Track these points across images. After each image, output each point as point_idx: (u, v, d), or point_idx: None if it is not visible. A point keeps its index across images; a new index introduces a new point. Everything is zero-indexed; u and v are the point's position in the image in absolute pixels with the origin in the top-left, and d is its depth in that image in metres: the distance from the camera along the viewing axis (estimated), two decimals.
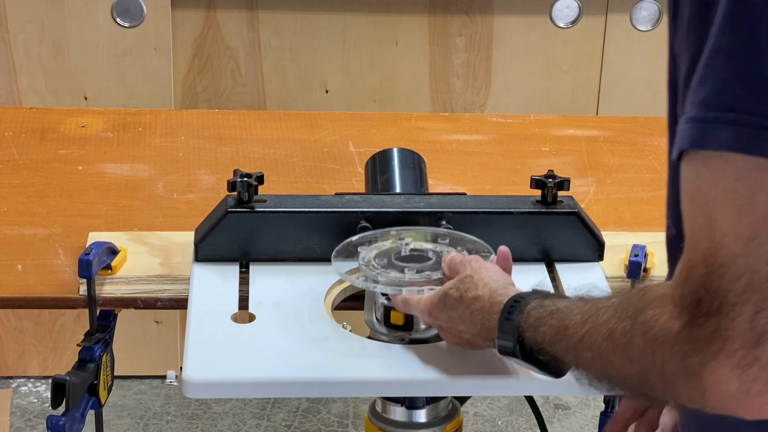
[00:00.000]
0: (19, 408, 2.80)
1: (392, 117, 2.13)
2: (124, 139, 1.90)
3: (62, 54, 2.69)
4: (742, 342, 0.92)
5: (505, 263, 1.31)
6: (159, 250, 1.52)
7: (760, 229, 0.91)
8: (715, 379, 0.93)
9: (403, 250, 1.38)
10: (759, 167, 0.91)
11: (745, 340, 0.92)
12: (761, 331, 0.91)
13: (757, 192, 0.91)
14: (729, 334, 0.92)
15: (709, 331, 0.93)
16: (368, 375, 1.25)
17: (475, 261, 1.28)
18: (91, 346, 1.42)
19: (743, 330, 0.92)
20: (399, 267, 1.35)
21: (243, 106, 2.80)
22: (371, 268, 1.34)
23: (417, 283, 1.31)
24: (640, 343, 0.99)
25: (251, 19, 2.75)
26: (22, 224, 1.61)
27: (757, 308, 0.91)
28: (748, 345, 0.92)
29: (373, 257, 1.37)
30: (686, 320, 0.95)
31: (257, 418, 2.80)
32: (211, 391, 1.28)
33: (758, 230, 0.91)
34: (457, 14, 2.80)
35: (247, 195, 1.44)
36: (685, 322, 0.95)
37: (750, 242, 0.92)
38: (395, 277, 1.32)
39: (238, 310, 1.36)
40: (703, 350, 0.93)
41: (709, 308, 0.93)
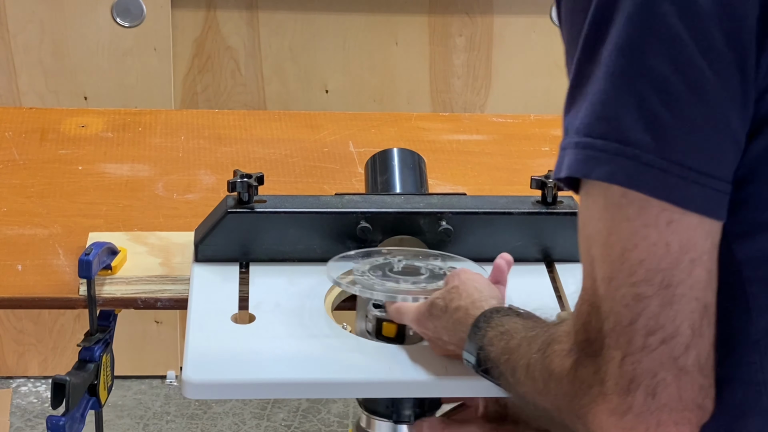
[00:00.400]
0: (19, 408, 2.80)
1: (392, 117, 2.13)
2: (124, 139, 1.90)
3: (62, 54, 2.69)
4: (614, 387, 0.89)
5: (499, 275, 1.28)
6: (159, 251, 1.52)
7: (616, 270, 0.88)
8: (598, 423, 0.90)
9: (396, 266, 1.39)
10: (613, 205, 0.88)
11: (617, 386, 0.88)
12: (630, 377, 0.88)
13: (611, 233, 0.88)
14: (604, 378, 0.89)
15: (591, 372, 0.90)
16: (368, 376, 1.25)
17: (464, 272, 1.25)
18: (91, 347, 1.42)
19: (614, 375, 0.89)
20: (394, 278, 1.35)
21: (243, 106, 2.80)
22: (367, 278, 1.35)
23: (413, 291, 1.31)
24: (541, 377, 0.97)
25: (251, 19, 2.75)
26: (22, 224, 1.61)
27: (624, 352, 0.88)
28: (621, 391, 0.88)
29: (367, 269, 1.38)
30: (575, 359, 0.92)
31: (257, 418, 2.80)
32: (211, 391, 1.28)
33: (615, 272, 0.88)
34: (457, 14, 2.80)
35: (247, 195, 1.44)
36: (574, 360, 0.92)
37: (610, 283, 0.89)
38: (391, 287, 1.33)
39: (238, 311, 1.36)
40: (587, 392, 0.91)
41: (593, 349, 0.90)
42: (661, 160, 0.86)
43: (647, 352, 0.87)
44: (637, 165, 0.86)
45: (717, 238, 0.89)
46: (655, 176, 0.86)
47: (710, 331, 0.89)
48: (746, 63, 0.87)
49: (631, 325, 0.88)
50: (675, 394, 0.88)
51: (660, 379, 0.88)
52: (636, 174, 0.86)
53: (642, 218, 0.87)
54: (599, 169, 0.87)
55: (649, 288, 0.87)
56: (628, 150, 0.87)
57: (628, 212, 0.87)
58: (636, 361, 0.88)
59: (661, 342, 0.87)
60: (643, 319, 0.87)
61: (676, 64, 0.86)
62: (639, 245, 0.87)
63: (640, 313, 0.87)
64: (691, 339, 0.88)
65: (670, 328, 0.87)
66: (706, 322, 0.89)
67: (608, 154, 0.87)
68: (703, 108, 0.87)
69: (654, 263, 0.87)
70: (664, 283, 0.87)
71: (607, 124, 0.88)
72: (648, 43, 0.87)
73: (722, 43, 0.86)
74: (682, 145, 0.86)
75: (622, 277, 0.88)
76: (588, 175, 0.88)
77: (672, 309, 0.87)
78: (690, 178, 0.86)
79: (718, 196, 0.88)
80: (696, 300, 0.88)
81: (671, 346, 0.87)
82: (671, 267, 0.87)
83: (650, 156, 0.86)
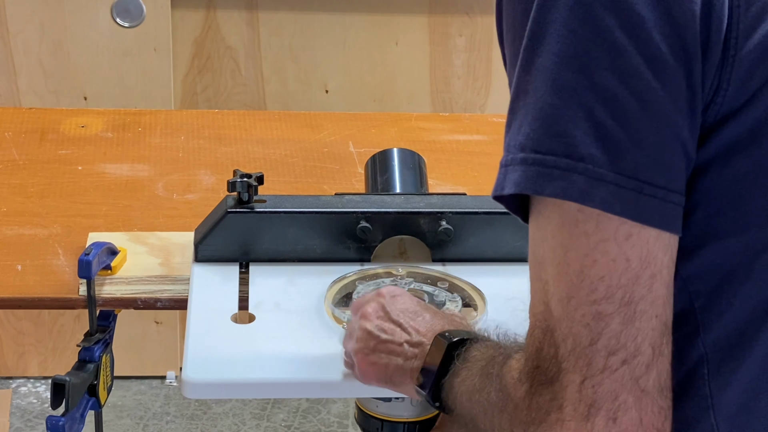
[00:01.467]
0: (19, 408, 2.80)
1: (392, 117, 2.13)
2: (124, 139, 1.90)
3: (62, 54, 2.68)
4: (573, 414, 0.86)
5: None
6: (159, 251, 1.52)
7: (575, 289, 0.85)
8: None
9: None
10: (569, 222, 0.85)
11: (576, 412, 0.86)
12: (590, 401, 0.85)
13: (568, 250, 0.85)
14: (560, 404, 0.86)
15: (546, 399, 0.88)
16: None
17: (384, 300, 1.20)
18: (91, 347, 1.42)
19: (573, 400, 0.86)
20: None
21: (243, 106, 2.80)
22: None
23: None
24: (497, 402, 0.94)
25: (251, 19, 2.75)
26: (22, 224, 1.61)
27: (583, 375, 0.86)
28: (580, 417, 0.85)
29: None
30: (528, 387, 0.89)
31: (257, 418, 2.80)
32: (211, 391, 1.28)
33: (573, 291, 0.85)
34: (457, 14, 2.80)
35: (247, 195, 1.44)
36: (528, 388, 0.89)
37: (568, 303, 0.86)
38: None
39: (237, 311, 1.36)
40: (543, 420, 0.88)
41: (546, 376, 0.88)
42: (614, 174, 0.84)
43: (608, 373, 0.85)
44: (590, 180, 0.84)
45: (675, 253, 0.87)
46: (609, 191, 0.84)
47: (669, 350, 0.87)
48: (692, 72, 0.86)
49: (591, 345, 0.85)
50: (636, 418, 0.85)
51: (621, 402, 0.85)
52: (590, 189, 0.84)
53: (600, 233, 0.85)
54: (551, 185, 0.85)
55: (609, 305, 0.85)
56: (579, 165, 0.84)
57: (586, 228, 0.85)
58: (597, 383, 0.85)
59: (623, 362, 0.85)
60: (604, 339, 0.85)
61: (622, 76, 0.85)
62: (598, 261, 0.85)
63: (600, 332, 0.85)
64: (652, 358, 0.86)
65: (632, 348, 0.85)
66: (666, 340, 0.87)
67: (559, 170, 0.85)
68: (653, 120, 0.85)
69: (614, 279, 0.84)
70: (625, 299, 0.85)
71: (557, 140, 0.85)
72: (593, 55, 0.85)
73: (667, 53, 0.85)
74: (634, 159, 0.85)
75: (581, 296, 0.85)
76: (540, 192, 0.85)
77: (633, 327, 0.85)
78: (645, 192, 0.85)
79: (674, 210, 0.86)
80: (656, 317, 0.86)
81: (632, 367, 0.85)
82: (631, 282, 0.85)
83: (602, 170, 0.84)
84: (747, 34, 0.86)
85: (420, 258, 1.47)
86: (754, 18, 0.87)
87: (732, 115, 0.87)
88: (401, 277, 1.43)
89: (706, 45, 0.86)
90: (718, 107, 0.87)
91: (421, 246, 1.46)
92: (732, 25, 0.86)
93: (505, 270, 1.46)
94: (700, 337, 0.90)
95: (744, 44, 0.86)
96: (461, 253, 1.46)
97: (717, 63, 0.86)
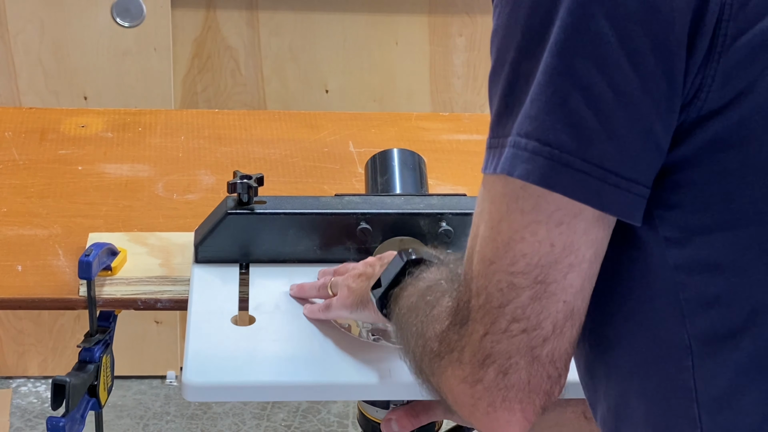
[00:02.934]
0: (19, 408, 2.80)
1: (392, 117, 2.13)
2: (124, 139, 1.90)
3: (62, 54, 2.69)
4: (471, 358, 0.93)
5: None
6: (159, 251, 1.52)
7: (498, 256, 0.91)
8: (449, 386, 0.95)
9: None
10: (510, 194, 0.90)
11: (473, 358, 0.92)
12: (486, 353, 0.92)
13: (502, 219, 0.91)
14: (463, 346, 0.93)
15: (454, 339, 0.95)
16: (368, 378, 1.25)
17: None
18: (91, 347, 1.42)
19: (473, 348, 0.92)
20: None
21: (243, 106, 2.80)
22: None
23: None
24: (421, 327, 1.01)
25: (251, 19, 2.75)
26: (22, 225, 1.61)
27: (486, 330, 0.92)
28: (475, 363, 0.92)
29: None
30: (447, 323, 0.96)
31: (257, 418, 2.80)
32: (211, 394, 1.28)
33: (496, 257, 0.91)
34: (457, 14, 2.80)
35: (247, 196, 1.44)
36: (447, 324, 0.96)
37: (490, 265, 0.91)
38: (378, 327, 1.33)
39: (238, 312, 1.36)
40: (447, 355, 0.95)
41: (459, 317, 0.94)
42: (580, 161, 0.87)
43: (507, 336, 0.91)
44: (554, 165, 0.87)
45: (601, 249, 0.91)
46: (571, 176, 0.87)
47: (572, 332, 0.92)
48: (673, 69, 0.87)
49: (499, 308, 0.91)
50: (524, 378, 0.92)
51: (513, 362, 0.91)
52: (551, 173, 0.88)
53: (534, 214, 0.89)
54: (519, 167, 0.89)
55: (524, 280, 0.90)
56: (545, 150, 0.88)
57: (524, 205, 0.89)
58: (495, 341, 0.91)
59: (522, 331, 0.91)
60: (511, 306, 0.91)
61: (601, 65, 0.87)
62: (526, 239, 0.89)
63: (510, 300, 0.91)
64: (550, 334, 0.91)
65: (534, 321, 0.91)
66: (570, 324, 0.92)
67: (527, 152, 0.88)
68: (626, 111, 0.87)
69: (535, 259, 0.89)
70: (539, 278, 0.90)
71: (530, 123, 0.89)
72: (575, 43, 0.87)
73: (648, 47, 0.86)
74: (602, 147, 0.87)
75: (502, 264, 0.91)
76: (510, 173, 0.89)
77: (540, 304, 0.90)
78: (608, 181, 0.87)
79: (635, 200, 0.89)
80: (564, 302, 0.91)
81: (531, 337, 0.91)
82: (549, 266, 0.89)
83: (568, 157, 0.87)
84: (736, 33, 0.87)
85: None
86: (746, 19, 0.87)
87: (717, 112, 0.88)
88: None
89: (692, 41, 0.87)
90: (701, 103, 0.88)
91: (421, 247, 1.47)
92: (721, 23, 0.87)
93: None
94: (686, 329, 0.91)
95: (732, 43, 0.87)
96: None
97: (701, 60, 0.87)
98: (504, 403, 0.92)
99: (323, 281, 1.36)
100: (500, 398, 0.92)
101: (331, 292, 1.33)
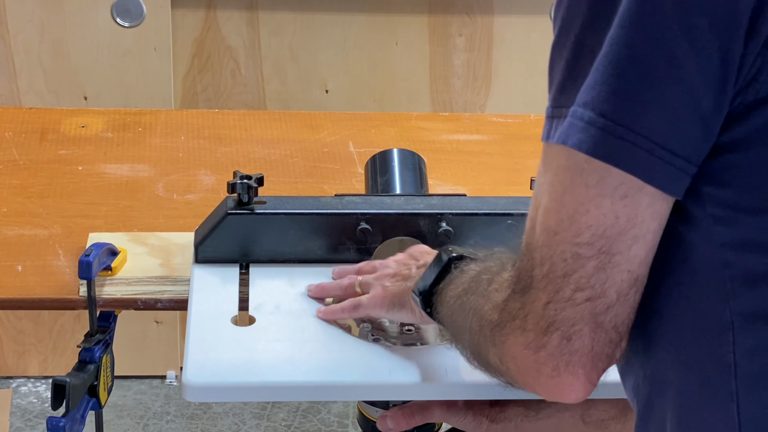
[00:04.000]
0: (19, 408, 2.80)
1: (392, 117, 2.13)
2: (124, 139, 1.90)
3: (62, 54, 2.69)
4: (534, 325, 0.94)
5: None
6: (159, 251, 1.52)
7: (563, 227, 0.92)
8: (512, 354, 0.97)
9: None
10: (574, 167, 0.91)
11: (537, 325, 0.94)
12: (550, 320, 0.93)
13: (566, 192, 0.92)
14: (526, 314, 0.95)
15: (517, 306, 0.96)
16: (368, 379, 1.25)
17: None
18: (91, 347, 1.42)
19: (537, 315, 0.94)
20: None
21: (243, 106, 2.80)
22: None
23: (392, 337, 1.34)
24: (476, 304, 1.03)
25: (251, 19, 2.75)
26: (22, 225, 1.61)
27: (549, 298, 0.94)
28: (539, 330, 0.94)
29: None
30: (509, 293, 0.98)
31: (257, 418, 2.80)
32: (211, 394, 1.28)
33: (561, 228, 0.92)
34: (457, 14, 2.80)
35: (247, 197, 1.44)
36: (508, 294, 0.98)
37: (554, 236, 0.93)
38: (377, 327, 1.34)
39: (238, 312, 1.36)
40: (509, 323, 0.97)
41: (521, 286, 0.96)
42: (629, 132, 0.89)
43: (571, 304, 0.93)
44: (605, 135, 0.89)
45: (664, 221, 0.93)
46: (620, 147, 0.89)
47: (635, 298, 0.94)
48: (729, 51, 0.88)
49: (563, 277, 0.93)
50: (588, 344, 0.93)
51: (577, 329, 0.93)
52: (602, 143, 0.89)
53: (599, 188, 0.90)
54: (573, 136, 0.91)
55: (589, 250, 0.91)
56: (599, 120, 0.89)
57: (588, 179, 0.91)
58: (559, 309, 0.93)
59: (587, 299, 0.92)
60: (575, 276, 0.92)
61: (659, 39, 0.88)
62: (591, 212, 0.91)
63: (575, 270, 0.92)
64: (614, 302, 0.93)
65: (599, 290, 0.92)
66: (634, 291, 0.94)
67: (583, 122, 0.90)
68: (677, 86, 0.88)
69: (600, 230, 0.91)
70: (604, 249, 0.91)
71: (587, 93, 0.90)
72: (636, 15, 0.88)
73: (706, 26, 0.87)
74: (651, 120, 0.89)
75: (567, 235, 0.92)
76: (565, 142, 0.91)
77: (604, 273, 0.92)
78: (655, 153, 0.89)
79: (679, 174, 0.90)
80: (628, 272, 0.93)
81: (594, 305, 0.92)
82: (614, 237, 0.91)
83: (619, 128, 0.89)
84: None
85: None
86: None
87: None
88: None
89: (753, 25, 0.88)
90: (759, 86, 0.89)
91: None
92: None
93: None
94: (728, 306, 0.92)
95: None
96: None
97: (762, 45, 0.88)
98: (568, 367, 0.94)
99: (349, 281, 1.35)
100: (564, 363, 0.94)
101: (360, 290, 1.33)
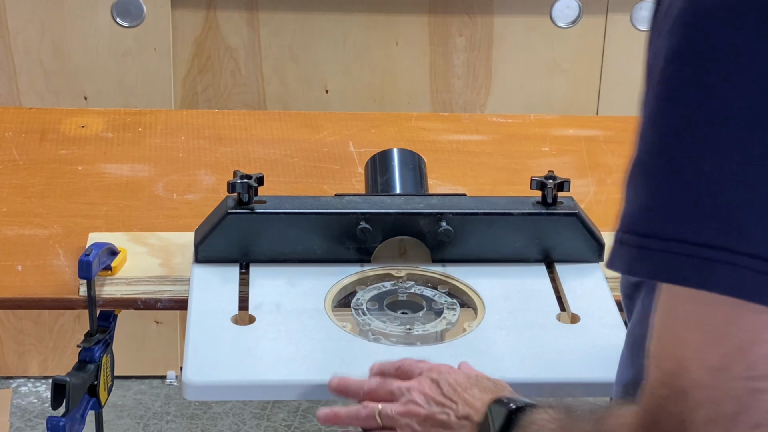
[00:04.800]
0: (19, 408, 2.80)
1: (392, 117, 2.13)
2: (124, 139, 1.90)
3: (62, 54, 2.68)
4: None
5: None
6: (159, 251, 1.52)
7: (731, 363, 0.83)
8: None
9: (400, 295, 1.40)
10: (741, 305, 0.82)
11: None
12: None
13: (729, 323, 0.83)
14: None
15: None
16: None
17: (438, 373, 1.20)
18: (91, 347, 1.42)
19: None
20: (388, 316, 1.36)
21: (243, 106, 2.80)
22: (359, 313, 1.36)
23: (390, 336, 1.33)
24: None
25: (251, 19, 2.75)
26: (22, 225, 1.61)
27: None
28: None
29: (366, 299, 1.38)
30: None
31: (257, 418, 2.80)
32: (211, 393, 1.28)
33: (727, 364, 0.83)
34: (457, 14, 2.80)
35: (247, 196, 1.44)
36: None
37: (717, 373, 0.84)
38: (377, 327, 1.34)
39: (238, 312, 1.36)
40: None
41: (668, 430, 0.86)
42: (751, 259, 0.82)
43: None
44: (757, 275, 0.82)
45: None
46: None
47: None
48: None
49: (734, 417, 0.84)
50: None
51: None
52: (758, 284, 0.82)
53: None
54: (718, 279, 0.83)
55: (766, 383, 0.83)
56: (743, 259, 0.82)
57: (754, 306, 0.82)
58: None
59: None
60: (751, 412, 0.84)
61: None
62: (766, 340, 0.83)
63: (750, 406, 0.84)
64: None
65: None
66: None
67: (721, 263, 0.83)
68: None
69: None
70: None
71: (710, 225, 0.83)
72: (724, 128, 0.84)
73: None
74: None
75: (738, 370, 0.83)
76: (707, 287, 0.83)
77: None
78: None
79: None
80: None
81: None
82: None
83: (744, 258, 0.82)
84: None
85: (420, 259, 1.47)
86: None
87: None
88: (401, 279, 1.43)
89: None
90: None
91: (421, 247, 1.47)
92: None
93: (505, 271, 1.46)
94: None
95: None
96: (461, 254, 1.47)
97: None
98: None
99: (370, 409, 1.20)
100: None
101: (380, 422, 1.20)
